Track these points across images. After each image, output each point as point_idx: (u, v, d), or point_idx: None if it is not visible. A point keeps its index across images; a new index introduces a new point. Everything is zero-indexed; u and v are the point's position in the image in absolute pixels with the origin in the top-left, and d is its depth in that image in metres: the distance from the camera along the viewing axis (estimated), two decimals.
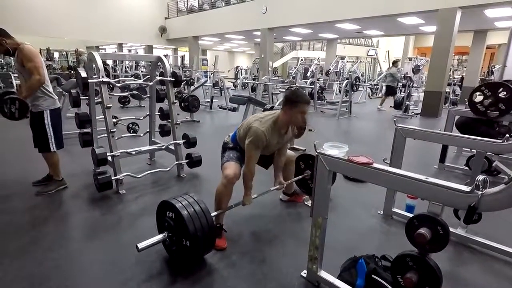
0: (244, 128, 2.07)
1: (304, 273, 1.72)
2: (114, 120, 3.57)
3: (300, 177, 2.71)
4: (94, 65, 2.77)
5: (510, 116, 3.21)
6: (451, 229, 2.00)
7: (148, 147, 3.43)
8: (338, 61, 13.12)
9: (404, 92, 7.92)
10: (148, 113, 3.56)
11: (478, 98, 3.05)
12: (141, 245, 1.63)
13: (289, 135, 2.22)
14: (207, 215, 1.69)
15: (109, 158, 2.79)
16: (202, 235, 1.62)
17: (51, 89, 2.66)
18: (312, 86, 7.86)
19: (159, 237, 1.73)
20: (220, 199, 2.03)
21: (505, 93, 2.88)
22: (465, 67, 14.02)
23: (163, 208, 1.79)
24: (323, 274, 1.64)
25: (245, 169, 2.03)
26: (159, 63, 3.22)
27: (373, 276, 1.52)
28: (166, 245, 1.84)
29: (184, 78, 6.93)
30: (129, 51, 21.95)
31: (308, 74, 11.42)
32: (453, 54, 8.07)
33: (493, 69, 7.25)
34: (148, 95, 3.49)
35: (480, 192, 1.10)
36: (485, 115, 3.03)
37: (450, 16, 7.17)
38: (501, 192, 1.09)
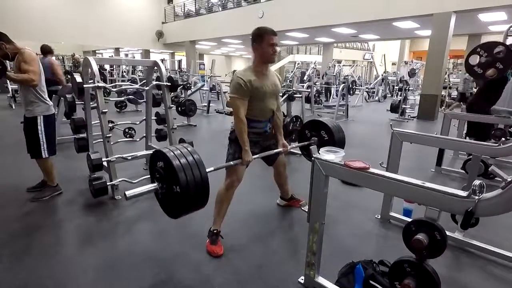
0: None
1: (301, 279, 1.71)
2: (110, 124, 3.56)
3: (306, 143, 2.52)
4: (89, 70, 2.76)
5: (506, 120, 3.23)
6: (448, 233, 2.00)
7: (144, 152, 3.41)
8: (334, 65, 13.21)
9: (400, 96, 7.96)
10: (145, 117, 3.54)
11: (474, 60, 2.96)
12: (129, 193, 1.54)
13: (276, 78, 2.12)
14: (200, 167, 1.53)
15: (105, 164, 2.77)
16: (194, 185, 1.48)
17: (46, 96, 2.64)
18: (309, 90, 7.89)
19: (149, 186, 1.60)
20: (220, 203, 2.01)
21: (501, 51, 2.80)
22: (460, 71, 14.14)
23: (155, 159, 1.65)
24: (321, 280, 1.63)
25: (236, 120, 1.95)
26: (155, 68, 3.22)
27: (371, 281, 1.51)
28: (158, 196, 1.68)
29: (181, 83, 6.93)
30: (126, 55, 21.94)
31: (305, 78, 11.46)
32: (448, 58, 8.13)
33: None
34: (145, 100, 3.48)
35: (477, 197, 1.09)
36: (483, 77, 2.96)
37: (445, 20, 7.25)
38: (498, 197, 1.08)
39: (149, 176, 3.12)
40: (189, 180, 1.46)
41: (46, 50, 4.95)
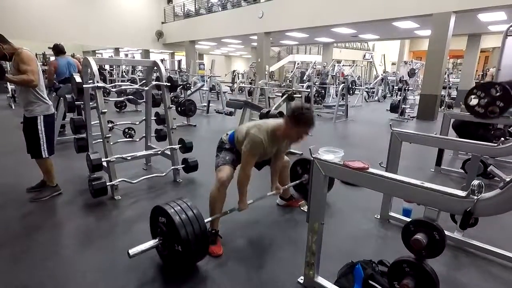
0: (242, 133, 2.05)
1: (301, 279, 1.71)
2: (110, 125, 3.56)
3: (297, 182, 2.70)
4: (89, 70, 2.76)
5: (505, 119, 3.24)
6: (448, 233, 2.00)
7: (144, 152, 3.41)
8: (334, 65, 13.21)
9: (399, 96, 7.97)
10: (144, 118, 3.54)
11: (474, 101, 3.04)
12: (132, 251, 1.59)
13: (285, 143, 2.20)
14: (199, 221, 1.66)
15: (104, 164, 2.77)
16: (194, 241, 1.59)
17: (45, 95, 2.64)
18: (309, 90, 7.89)
19: (151, 243, 1.69)
20: (214, 203, 2.02)
21: (498, 91, 2.86)
22: (460, 71, 14.15)
23: (156, 214, 1.76)
24: (320, 280, 1.63)
25: (241, 174, 2.01)
26: (155, 68, 3.22)
27: (370, 281, 1.51)
28: (159, 251, 1.81)
29: (181, 83, 6.93)
30: (126, 55, 21.94)
31: (305, 77, 11.46)
32: (448, 58, 8.15)
33: (487, 72, 7.33)
34: (144, 100, 3.48)
35: (475, 197, 1.09)
36: (486, 116, 3.00)
37: (444, 20, 7.25)
38: (496, 197, 1.08)
39: (148, 176, 3.13)
40: (189, 235, 1.59)
41: (61, 50, 4.88)
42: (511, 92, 2.68)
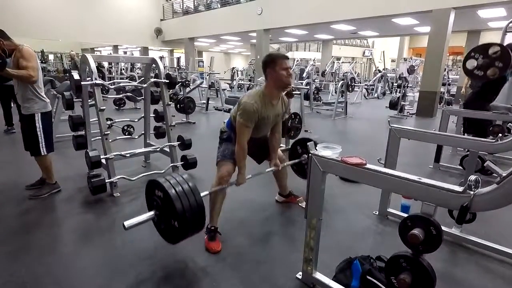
0: (235, 108, 2.03)
1: (299, 275, 1.72)
2: (109, 122, 3.56)
3: (296, 160, 2.64)
4: (87, 67, 2.75)
5: (504, 116, 3.24)
6: (445, 229, 2.01)
7: (142, 149, 3.41)
8: (333, 62, 13.19)
9: (399, 93, 7.97)
10: (143, 115, 3.54)
11: (471, 64, 2.97)
12: (127, 223, 1.54)
13: (281, 106, 2.14)
14: (195, 193, 1.60)
15: (103, 161, 2.77)
16: (190, 213, 1.54)
17: (43, 93, 2.63)
18: (308, 87, 7.89)
19: (147, 215, 1.64)
20: (214, 199, 2.02)
21: (497, 51, 2.82)
22: (459, 67, 14.13)
23: (151, 187, 1.70)
24: (318, 275, 1.64)
25: (237, 147, 1.97)
26: (153, 65, 3.21)
27: (368, 277, 1.52)
28: (156, 224, 1.74)
29: (180, 80, 6.91)
30: (125, 53, 21.87)
31: (304, 75, 11.44)
32: (448, 54, 8.14)
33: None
34: (143, 97, 3.47)
35: (472, 192, 1.10)
36: (486, 78, 2.97)
37: (444, 16, 7.23)
38: (492, 191, 1.09)
39: (147, 173, 3.13)
40: (185, 208, 1.53)
41: None
42: (510, 51, 2.65)
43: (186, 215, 1.53)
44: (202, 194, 1.68)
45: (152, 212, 1.65)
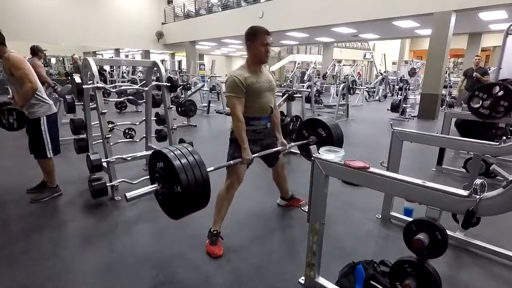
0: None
1: (301, 280, 1.70)
2: (110, 125, 3.56)
3: (304, 142, 2.49)
4: (89, 71, 2.75)
5: (507, 119, 3.22)
6: (449, 233, 1.98)
7: (144, 153, 3.40)
8: (334, 65, 13.19)
9: (400, 95, 7.96)
10: (145, 118, 3.54)
11: (477, 103, 3.00)
12: (129, 194, 1.50)
13: (268, 74, 2.11)
14: (201, 167, 1.51)
15: (105, 164, 2.76)
16: (195, 184, 1.46)
17: (45, 95, 2.64)
18: (309, 90, 7.88)
19: (150, 187, 1.58)
20: (221, 203, 2.01)
21: (500, 91, 2.83)
22: (461, 69, 14.12)
23: (155, 159, 1.62)
24: (321, 280, 1.62)
25: (233, 120, 1.94)
26: (155, 68, 3.21)
27: (372, 282, 1.50)
28: (159, 198, 1.66)
29: (181, 83, 6.92)
30: (126, 56, 21.95)
31: (305, 77, 11.44)
32: (449, 57, 8.12)
33: (489, 71, 7.29)
34: (145, 100, 3.47)
35: (478, 196, 1.08)
36: (492, 117, 2.97)
37: (445, 19, 7.23)
38: (499, 196, 1.07)
39: (148, 176, 3.11)
40: (190, 179, 1.44)
41: (33, 51, 4.83)
42: None
43: (190, 186, 1.44)
44: (208, 169, 1.60)
45: (155, 185, 1.58)
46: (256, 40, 1.92)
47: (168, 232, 2.24)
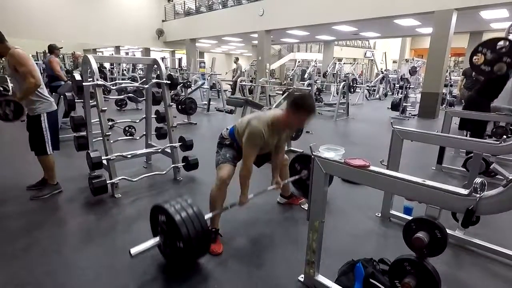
0: (243, 125, 2.02)
1: (301, 278, 1.70)
2: (110, 123, 3.55)
3: (297, 177, 2.67)
4: (89, 68, 2.74)
5: (507, 117, 3.22)
6: (449, 231, 1.98)
7: (144, 150, 3.40)
8: (335, 63, 13.16)
9: (401, 94, 7.95)
10: (145, 116, 3.53)
11: (479, 60, 2.90)
12: (134, 250, 1.57)
13: (286, 135, 2.18)
14: (200, 218, 1.65)
15: (105, 162, 2.76)
16: (196, 238, 1.58)
17: (46, 92, 2.64)
18: (309, 88, 7.87)
19: (152, 241, 1.69)
20: (214, 202, 2.01)
21: (504, 46, 2.73)
22: (462, 68, 14.09)
23: (156, 212, 1.75)
24: (321, 278, 1.62)
25: (243, 168, 1.98)
26: (155, 66, 3.20)
27: (371, 280, 1.50)
28: (161, 249, 1.81)
29: (181, 81, 6.91)
30: (127, 53, 21.92)
31: (306, 76, 11.43)
32: (450, 56, 8.10)
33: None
34: (145, 98, 3.47)
35: (478, 195, 1.08)
36: (493, 74, 2.89)
37: (446, 17, 7.20)
38: (499, 195, 1.07)
39: (148, 174, 3.13)
40: (191, 233, 1.57)
41: (50, 49, 5.57)
42: None
43: (192, 240, 1.57)
44: (206, 217, 1.75)
45: (157, 238, 1.70)
46: (298, 113, 1.85)
47: None
